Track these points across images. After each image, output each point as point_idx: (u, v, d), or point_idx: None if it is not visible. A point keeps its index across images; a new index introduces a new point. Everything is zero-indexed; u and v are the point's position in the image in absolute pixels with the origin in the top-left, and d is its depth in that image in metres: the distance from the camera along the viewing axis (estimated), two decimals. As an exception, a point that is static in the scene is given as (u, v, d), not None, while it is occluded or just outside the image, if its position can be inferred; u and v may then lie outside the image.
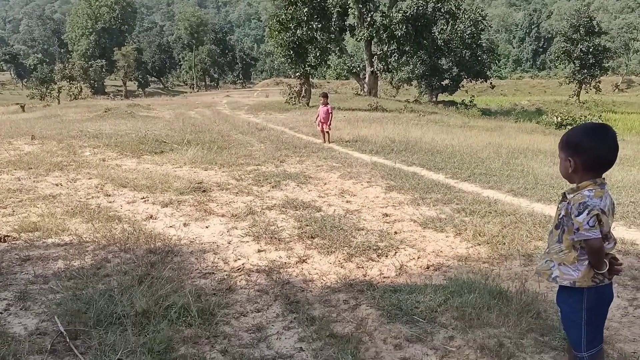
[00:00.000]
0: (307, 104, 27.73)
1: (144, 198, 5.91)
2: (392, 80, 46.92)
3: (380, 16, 36.26)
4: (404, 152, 10.27)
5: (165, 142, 10.48)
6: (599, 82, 50.10)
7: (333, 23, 32.11)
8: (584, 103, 48.80)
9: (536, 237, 4.32)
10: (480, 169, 8.00)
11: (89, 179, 7.03)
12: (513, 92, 76.16)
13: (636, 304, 3.11)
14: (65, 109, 27.79)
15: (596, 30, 49.09)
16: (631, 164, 10.99)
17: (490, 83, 45.73)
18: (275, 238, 4.41)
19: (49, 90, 44.00)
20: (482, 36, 44.58)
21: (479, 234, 4.41)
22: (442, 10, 38.54)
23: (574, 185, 2.11)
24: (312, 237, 4.42)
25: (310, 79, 29.48)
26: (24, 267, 3.71)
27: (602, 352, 2.17)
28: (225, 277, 3.60)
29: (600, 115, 26.93)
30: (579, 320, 2.08)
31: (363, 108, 27.48)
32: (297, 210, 5.42)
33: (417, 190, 6.36)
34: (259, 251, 4.14)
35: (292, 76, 30.08)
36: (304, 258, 3.96)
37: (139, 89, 64.02)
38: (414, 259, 3.95)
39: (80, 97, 41.00)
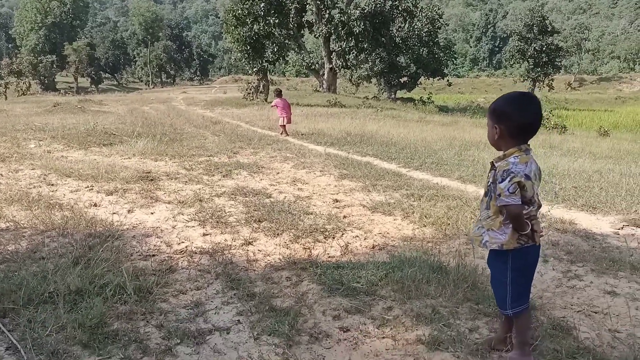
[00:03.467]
0: (265, 100, 27.56)
1: (88, 187, 5.72)
2: (352, 77, 47.22)
3: (339, 13, 36.41)
4: (359, 144, 10.36)
5: (114, 134, 10.18)
6: (552, 80, 52.03)
7: (291, 19, 32.04)
8: (537, 100, 50.48)
9: (479, 217, 4.42)
10: (432, 159, 8.15)
11: (32, 169, 6.75)
12: (470, 90, 78.09)
13: (569, 275, 3.23)
14: (12, 104, 26.64)
15: (549, 30, 50.91)
16: (578, 155, 11.45)
17: (448, 81, 46.68)
18: (222, 222, 4.35)
19: (-6, 86, 41.94)
20: (439, 34, 45.40)
21: (425, 216, 4.48)
22: (399, 8, 39.09)
23: (502, 154, 2.17)
24: (259, 221, 4.39)
25: (269, 75, 29.32)
26: (-50, 254, 3.52)
27: (528, 312, 2.24)
28: (167, 258, 3.52)
29: (552, 111, 27.98)
30: (505, 279, 2.15)
31: (322, 104, 27.55)
32: (246, 197, 5.36)
33: (369, 178, 6.42)
34: (204, 235, 4.08)
35: (250, 72, 29.80)
36: (250, 240, 3.92)
37: (92, 86, 61.88)
38: (360, 240, 3.98)
39: (28, 93, 39.35)
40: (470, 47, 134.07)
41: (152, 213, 4.73)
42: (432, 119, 20.93)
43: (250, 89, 28.81)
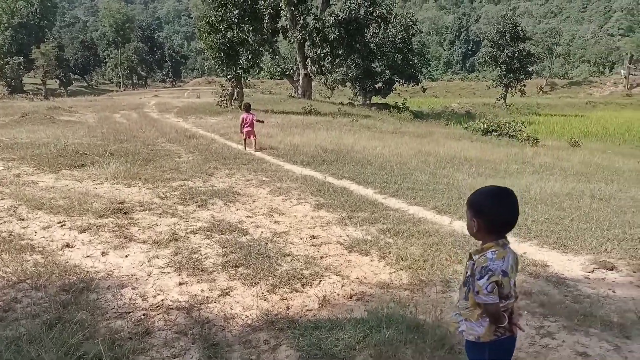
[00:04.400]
0: (239, 107, 27.38)
1: (60, 222, 5.58)
2: (327, 81, 47.35)
3: (313, 19, 36.49)
4: (335, 163, 10.38)
5: (86, 154, 9.97)
6: (524, 85, 53.21)
7: (265, 25, 31.91)
8: (510, 106, 51.61)
9: (455, 261, 4.49)
10: (408, 183, 8.22)
11: (1, 199, 6.56)
12: (444, 93, 79.23)
13: (543, 332, 3.31)
14: (-24, 111, 25.79)
15: (521, 36, 52.04)
16: (550, 171, 11.71)
17: (422, 87, 47.23)
18: (198, 268, 4.30)
19: (-42, 89, 40.66)
20: (413, 41, 45.91)
21: (402, 258, 4.52)
22: (374, 14, 39.39)
23: (479, 246, 2.21)
24: (236, 266, 4.36)
25: (243, 81, 29.13)
26: None
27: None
28: (143, 316, 3.47)
29: (524, 123, 28.49)
30: None
31: (297, 111, 27.53)
32: (222, 234, 5.32)
33: (345, 209, 6.44)
34: (180, 284, 4.03)
35: (225, 79, 29.58)
36: (227, 290, 3.90)
37: (61, 88, 60.52)
38: (338, 288, 3.99)
39: (-6, 97, 38.29)
40: (444, 50, 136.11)
41: (126, 256, 4.65)
42: (407, 130, 21.13)
43: (225, 96, 28.60)
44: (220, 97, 28.69)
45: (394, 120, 31.48)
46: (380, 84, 45.17)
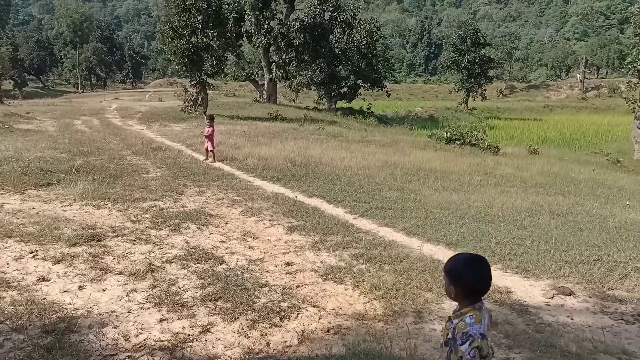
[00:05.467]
0: (204, 113, 27.18)
1: (32, 252, 5.53)
2: (292, 84, 47.43)
3: (278, 24, 36.54)
4: (305, 179, 10.53)
5: (51, 171, 9.78)
6: (485, 90, 54.69)
7: (229, 29, 31.75)
8: (472, 110, 52.99)
9: (425, 289, 4.72)
10: (377, 201, 8.45)
11: (-34, 226, 6.41)
12: (408, 96, 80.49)
13: (509, 364, 3.56)
14: None
15: (482, 42, 53.48)
16: (511, 183, 12.20)
17: (387, 92, 47.92)
18: (178, 303, 4.37)
19: None
20: (377, 45, 46.54)
21: (375, 287, 4.72)
22: (338, 19, 39.77)
23: (457, 309, 2.40)
24: (215, 300, 4.45)
25: (208, 86, 28.89)
26: None
27: None
28: (127, 358, 3.53)
29: (484, 127, 29.45)
30: None
31: (263, 117, 27.57)
32: (198, 263, 5.39)
33: (318, 232, 6.60)
34: (161, 320, 4.10)
35: (189, 82, 29.27)
36: (208, 327, 3.99)
37: (15, 89, 58.37)
38: (315, 321, 4.14)
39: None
40: (407, 52, 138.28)
41: (104, 290, 4.67)
42: (373, 138, 21.47)
43: (189, 102, 28.30)
44: (185, 102, 28.37)
45: (359, 126, 31.88)
46: (345, 89, 45.57)
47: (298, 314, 4.26)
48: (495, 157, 18.34)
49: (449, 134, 20.82)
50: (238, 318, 4.13)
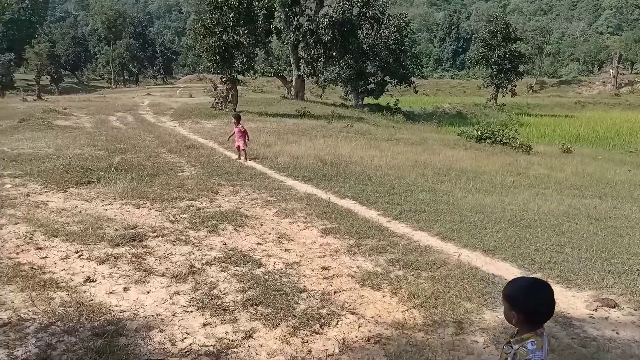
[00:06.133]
0: (234, 110, 27.45)
1: (77, 252, 5.72)
2: (318, 80, 47.41)
3: (307, 21, 36.56)
4: (336, 179, 10.56)
5: (91, 169, 10.06)
6: (515, 86, 53.68)
7: (259, 26, 31.91)
8: (501, 106, 52.07)
9: (465, 298, 4.70)
10: (410, 203, 8.43)
11: (15, 224, 6.67)
12: (435, 92, 79.49)
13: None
14: (-30, 113, 25.60)
15: (512, 37, 52.44)
16: (545, 184, 11.99)
17: (414, 88, 47.49)
18: (220, 307, 4.47)
19: (-52, 87, 40.28)
20: (405, 42, 46.15)
21: (414, 295, 4.72)
22: (367, 15, 39.53)
23: (517, 334, 2.38)
24: (256, 305, 4.53)
25: (238, 83, 29.17)
26: (-42, 364, 3.54)
27: None
28: (175, 364, 3.64)
29: (515, 125, 28.81)
30: None
31: (291, 114, 27.70)
32: (237, 266, 5.49)
33: (352, 235, 6.63)
34: (205, 325, 4.19)
35: (220, 80, 29.59)
36: (250, 332, 4.07)
37: (52, 84, 60.04)
38: (355, 329, 4.18)
39: (-13, 97, 38.00)
40: (434, 47, 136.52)
41: (148, 292, 4.80)
42: (401, 136, 21.35)
43: (219, 99, 28.63)
44: (215, 99, 28.72)
45: (387, 122, 31.74)
46: (372, 85, 45.33)
47: (338, 321, 4.30)
48: (528, 157, 18.02)
49: (479, 132, 20.53)
50: (279, 324, 4.20)
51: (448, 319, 4.31)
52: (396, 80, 45.49)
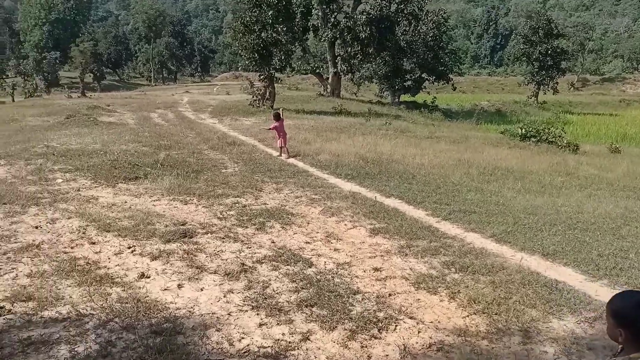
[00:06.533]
0: (271, 107, 27.55)
1: (130, 248, 5.78)
2: (354, 77, 47.14)
3: (344, 18, 36.36)
4: (379, 177, 10.40)
5: (138, 165, 10.22)
6: (557, 83, 52.12)
7: (296, 23, 31.93)
8: (542, 104, 50.63)
9: (529, 305, 4.49)
10: (458, 203, 8.20)
11: (68, 218, 6.80)
12: (472, 89, 77.90)
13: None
14: (21, 108, 26.63)
15: (554, 33, 50.91)
16: (597, 185, 11.51)
17: (453, 85, 46.64)
18: (275, 308, 4.40)
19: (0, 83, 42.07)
20: (444, 38, 45.38)
21: (474, 301, 4.55)
22: (404, 11, 39.01)
23: (622, 352, 2.18)
24: (311, 306, 4.44)
25: (275, 81, 29.24)
26: (27, 355, 3.57)
27: None
28: (234, 365, 3.59)
29: (558, 116, 27.97)
30: None
31: (328, 111, 27.64)
32: (288, 265, 5.42)
33: (402, 235, 6.47)
34: (260, 325, 4.14)
35: (258, 78, 29.76)
36: (307, 335, 3.98)
37: (95, 82, 61.86)
38: (414, 334, 4.04)
39: (35, 94, 39.38)
40: (471, 44, 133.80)
41: (201, 289, 4.78)
42: (442, 134, 20.96)
43: (257, 96, 28.78)
44: (253, 97, 28.89)
45: (425, 120, 31.27)
46: (409, 82, 44.75)
47: (396, 325, 4.17)
48: (575, 156, 17.40)
49: (523, 130, 19.95)
50: (336, 327, 4.10)
51: (513, 327, 4.12)
52: (434, 77, 44.78)
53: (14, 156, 10.97)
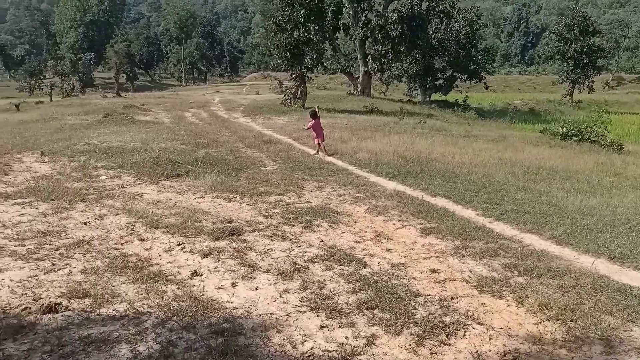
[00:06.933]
0: (303, 106, 27.47)
1: (180, 245, 5.69)
2: (382, 76, 46.67)
3: (375, 16, 36.01)
4: (422, 176, 10.15)
5: (179, 162, 10.21)
6: (592, 82, 50.67)
7: (327, 22, 31.77)
8: (577, 103, 49.28)
9: (605, 311, 4.21)
10: (510, 204, 7.89)
11: (116, 214, 6.78)
12: (502, 88, 76.39)
13: None
14: (59, 107, 27.21)
15: (590, 30, 49.50)
16: (636, 185, 11.00)
17: (485, 84, 45.76)
18: (335, 309, 4.23)
19: (37, 83, 43.21)
20: (477, 36, 44.57)
21: (545, 306, 4.28)
22: (436, 9, 38.42)
23: None
24: (371, 308, 4.26)
25: (307, 80, 29.15)
26: (89, 354, 3.49)
27: None
28: (300, 369, 3.43)
29: (601, 115, 27.02)
30: None
31: (359, 110, 27.45)
32: (341, 264, 5.25)
33: (456, 236, 6.23)
34: (322, 327, 3.97)
35: (289, 77, 29.72)
36: (372, 339, 3.80)
37: (128, 82, 63.04)
38: (486, 341, 3.81)
39: (72, 94, 40.33)
40: (501, 42, 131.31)
41: (256, 288, 4.65)
42: (478, 133, 20.50)
43: (289, 95, 28.75)
44: (285, 96, 28.87)
45: (458, 119, 30.71)
46: (441, 81, 44.07)
47: (465, 331, 3.94)
48: (620, 156, 16.76)
49: (564, 129, 19.34)
50: (402, 331, 3.90)
51: (592, 335, 3.85)
52: (466, 75, 44.00)
53: (57, 153, 11.10)
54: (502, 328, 4.01)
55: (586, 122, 20.39)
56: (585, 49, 49.92)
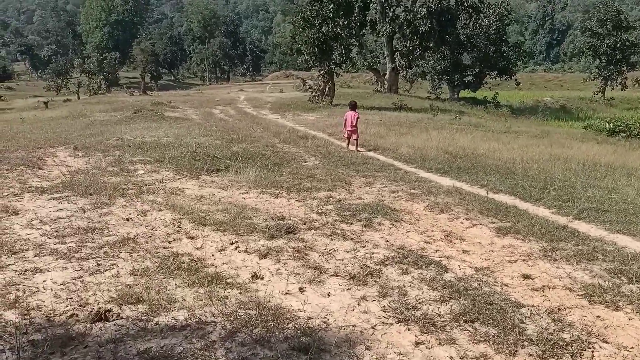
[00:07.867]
0: (331, 103, 26.90)
1: (233, 243, 5.13)
2: (407, 74, 45.73)
3: (403, 11, 35.21)
4: (475, 172, 9.47)
5: (217, 157, 9.69)
6: (625, 78, 49.04)
7: (354, 18, 31.12)
8: (609, 100, 47.74)
9: None
10: (584, 202, 7.16)
11: (159, 210, 6.26)
12: (528, 86, 74.51)
13: None
14: (87, 105, 27.14)
15: (624, 25, 47.91)
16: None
17: (516, 80, 44.51)
18: (427, 322, 3.60)
19: (64, 82, 43.56)
20: (507, 31, 43.43)
21: (679, 321, 3.59)
22: (465, 4, 37.46)
23: None
24: (471, 321, 3.61)
25: (335, 76, 28.52)
26: (149, 376, 2.93)
27: None
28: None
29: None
30: None
31: (387, 107, 26.80)
32: (419, 268, 4.62)
33: (538, 237, 5.54)
34: (417, 344, 3.34)
35: (312, 75, 29.17)
36: None
37: (152, 82, 63.26)
38: (623, 364, 3.15)
39: (99, 92, 40.49)
40: (525, 39, 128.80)
41: (328, 295, 4.05)
42: (518, 129, 19.64)
43: (317, 92, 28.19)
44: (312, 93, 28.32)
45: (490, 116, 29.77)
46: (470, 78, 43.01)
47: (592, 351, 3.27)
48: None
49: (611, 124, 18.42)
50: (517, 351, 3.24)
51: None
52: (496, 72, 42.88)
53: (90, 148, 10.69)
54: (633, 347, 3.34)
55: (634, 118, 19.40)
56: (618, 45, 48.37)
